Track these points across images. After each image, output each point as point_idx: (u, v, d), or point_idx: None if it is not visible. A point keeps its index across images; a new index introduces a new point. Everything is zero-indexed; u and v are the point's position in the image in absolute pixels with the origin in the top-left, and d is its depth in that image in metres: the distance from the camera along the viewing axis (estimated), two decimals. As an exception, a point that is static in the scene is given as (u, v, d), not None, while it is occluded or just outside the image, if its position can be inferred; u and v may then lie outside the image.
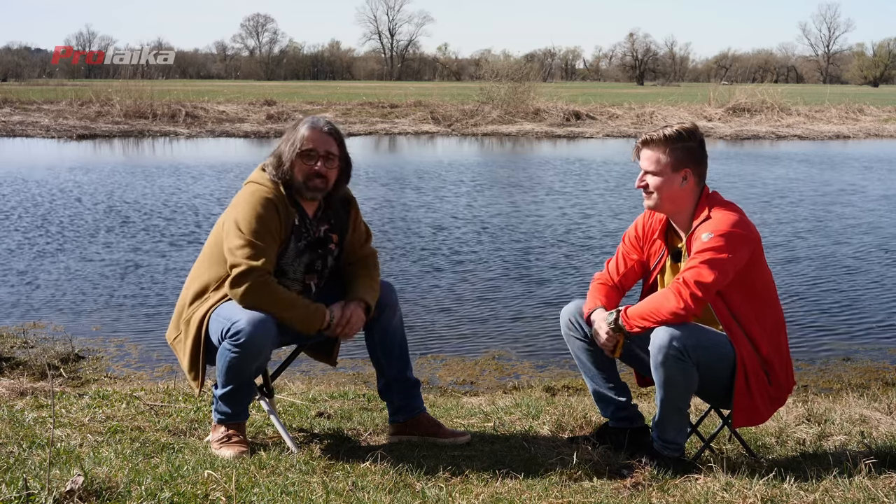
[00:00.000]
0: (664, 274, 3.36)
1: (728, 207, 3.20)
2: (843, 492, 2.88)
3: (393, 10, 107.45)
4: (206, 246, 3.51)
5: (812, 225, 11.42)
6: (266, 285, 3.25)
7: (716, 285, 3.04)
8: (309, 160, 3.40)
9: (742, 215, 3.17)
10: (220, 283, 3.36)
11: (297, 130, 3.44)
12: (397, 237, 10.25)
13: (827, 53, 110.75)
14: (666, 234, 3.36)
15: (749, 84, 43.36)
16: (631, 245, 3.45)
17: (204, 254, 3.49)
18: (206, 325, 3.33)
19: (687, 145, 3.24)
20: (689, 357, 3.02)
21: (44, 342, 6.23)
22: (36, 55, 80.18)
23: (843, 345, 6.42)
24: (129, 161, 19.02)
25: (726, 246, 3.05)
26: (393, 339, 3.59)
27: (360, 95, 39.15)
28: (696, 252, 3.08)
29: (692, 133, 3.26)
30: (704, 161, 3.28)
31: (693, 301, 3.03)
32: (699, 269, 3.04)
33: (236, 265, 3.26)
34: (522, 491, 2.96)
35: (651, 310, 3.10)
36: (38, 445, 3.33)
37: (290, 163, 3.39)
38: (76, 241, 9.84)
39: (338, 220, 3.58)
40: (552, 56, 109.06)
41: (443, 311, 7.23)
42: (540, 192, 14.48)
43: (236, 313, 3.23)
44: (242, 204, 3.36)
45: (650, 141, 3.25)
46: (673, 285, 3.08)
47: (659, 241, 3.36)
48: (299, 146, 3.39)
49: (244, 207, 3.34)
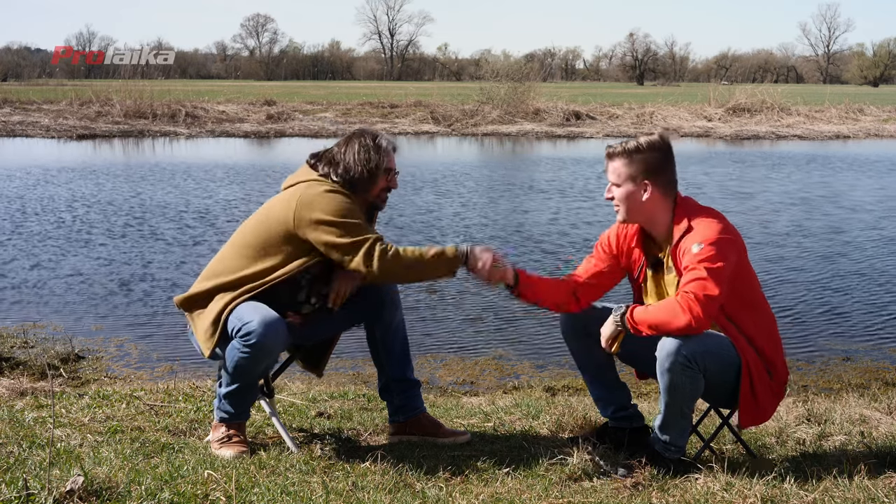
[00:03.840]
0: (647, 283, 3.35)
1: (708, 214, 3.18)
2: (843, 492, 2.88)
3: (393, 10, 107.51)
4: (241, 237, 3.44)
5: (812, 225, 11.41)
6: (394, 250, 3.26)
7: (722, 297, 3.03)
8: (389, 178, 3.51)
9: (724, 220, 3.16)
10: (258, 276, 3.32)
11: (379, 148, 3.48)
12: (398, 237, 10.25)
13: (827, 53, 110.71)
14: (644, 244, 3.34)
15: (749, 84, 43.31)
16: (602, 252, 3.45)
17: (243, 245, 3.41)
18: (227, 313, 3.30)
19: (646, 156, 3.19)
20: (696, 364, 3.01)
21: (44, 342, 6.23)
22: (36, 55, 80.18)
23: (843, 345, 6.42)
24: (129, 161, 19.02)
25: (719, 255, 3.03)
26: (395, 338, 3.59)
27: (360, 95, 39.14)
28: (692, 264, 3.04)
29: (653, 144, 3.21)
30: (668, 170, 3.22)
31: (705, 315, 3.00)
32: (704, 283, 3.00)
33: (357, 244, 3.25)
34: (522, 491, 2.96)
35: (660, 322, 3.05)
36: (38, 445, 3.33)
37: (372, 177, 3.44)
38: (76, 240, 9.83)
39: None
40: (552, 56, 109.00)
41: (443, 311, 7.23)
42: (540, 191, 14.48)
43: (250, 314, 3.22)
44: (324, 198, 3.32)
45: (612, 154, 3.26)
46: (682, 300, 3.02)
47: (637, 249, 3.35)
48: (387, 163, 3.49)
49: (328, 200, 3.32)
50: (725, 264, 3.04)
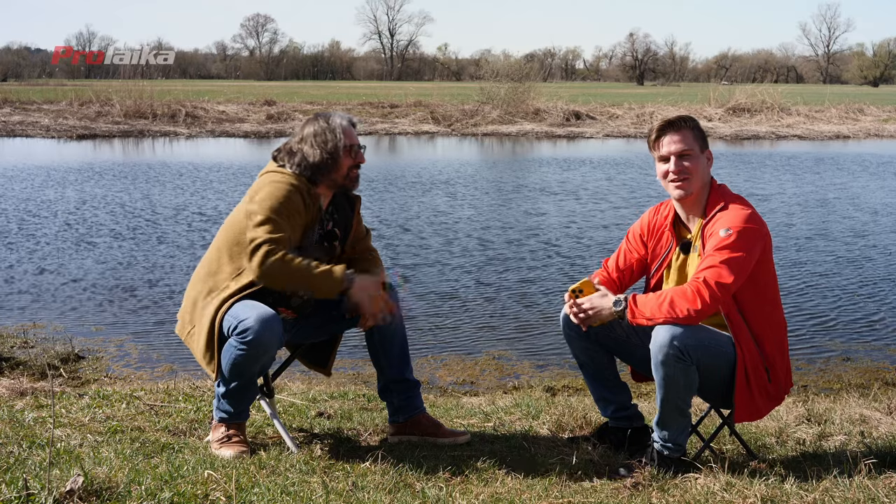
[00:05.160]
0: (670, 269, 3.34)
1: (740, 201, 3.20)
2: (843, 492, 2.88)
3: (393, 10, 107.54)
4: (217, 241, 3.49)
5: (812, 225, 11.41)
6: (283, 256, 3.24)
7: (735, 286, 3.03)
8: (352, 154, 3.45)
9: (754, 210, 3.17)
10: (235, 277, 3.35)
11: (333, 128, 3.44)
12: (398, 237, 10.24)
13: (827, 53, 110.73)
14: (675, 227, 3.34)
15: (749, 84, 43.28)
16: (636, 241, 3.44)
17: (217, 249, 3.46)
18: (220, 318, 3.31)
19: (700, 130, 3.29)
20: (689, 356, 3.01)
21: (44, 342, 6.23)
22: (36, 55, 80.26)
23: (843, 345, 6.42)
24: (128, 161, 19.01)
25: (743, 244, 3.03)
26: (393, 340, 3.58)
27: (360, 95, 39.17)
28: (714, 249, 3.05)
29: (696, 121, 3.35)
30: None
31: (712, 301, 3.00)
32: (719, 270, 3.00)
33: (255, 238, 3.26)
34: (522, 491, 2.96)
35: (666, 307, 3.03)
36: (38, 445, 3.33)
37: (334, 159, 3.41)
38: (76, 240, 9.83)
39: (342, 216, 3.61)
40: (552, 56, 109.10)
41: (443, 311, 7.23)
42: (540, 192, 14.48)
43: (245, 311, 3.23)
44: (266, 188, 3.36)
45: (673, 123, 3.24)
46: (693, 284, 3.02)
47: (668, 233, 3.34)
48: (346, 142, 3.44)
49: (268, 190, 3.35)
50: (746, 254, 3.04)
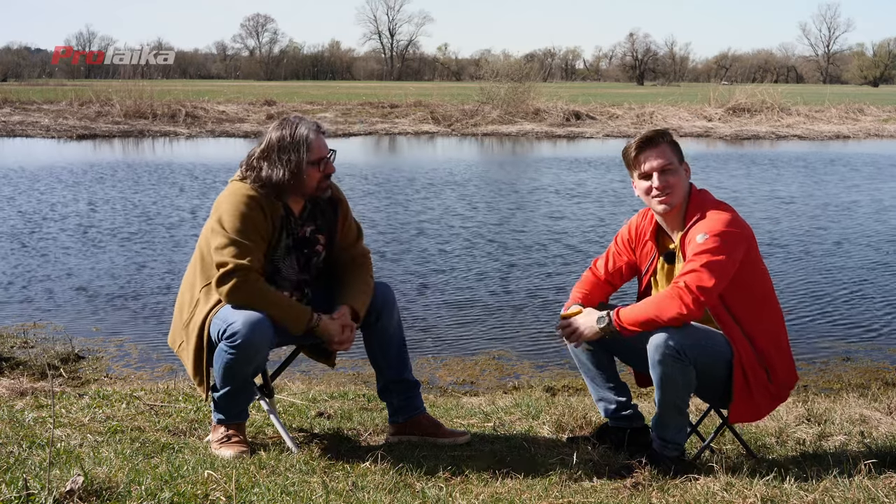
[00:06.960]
0: (656, 276, 3.35)
1: (719, 206, 3.19)
2: (843, 492, 2.87)
3: (393, 10, 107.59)
4: (196, 251, 3.49)
5: (812, 225, 11.41)
6: (252, 283, 3.23)
7: (717, 289, 3.03)
8: (321, 167, 3.38)
9: (734, 213, 3.17)
10: (208, 291, 3.35)
11: (297, 142, 3.34)
12: (397, 237, 10.24)
13: (827, 53, 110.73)
14: (657, 236, 3.35)
15: (749, 84, 43.27)
16: (623, 246, 3.45)
17: (196, 259, 3.47)
18: (207, 329, 3.32)
19: (674, 140, 3.30)
20: (686, 356, 3.01)
21: (44, 342, 6.23)
22: (36, 55, 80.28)
23: (843, 345, 6.42)
24: (128, 161, 19.00)
25: (722, 247, 3.04)
26: (391, 341, 3.57)
27: (360, 95, 39.17)
28: (694, 254, 3.06)
29: (671, 134, 3.35)
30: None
31: (695, 305, 3.01)
32: (699, 274, 3.02)
33: (222, 264, 3.24)
34: (522, 491, 2.96)
35: (650, 315, 3.06)
36: (38, 445, 3.33)
37: (296, 178, 3.33)
38: (76, 241, 9.83)
39: (325, 220, 3.54)
40: (552, 56, 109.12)
41: (443, 312, 7.23)
42: (540, 192, 14.47)
43: (233, 315, 3.22)
44: (225, 204, 3.35)
45: (651, 139, 3.23)
46: (673, 289, 3.04)
47: (650, 242, 3.35)
48: (312, 157, 3.35)
49: (227, 207, 3.33)
50: (727, 257, 3.04)
